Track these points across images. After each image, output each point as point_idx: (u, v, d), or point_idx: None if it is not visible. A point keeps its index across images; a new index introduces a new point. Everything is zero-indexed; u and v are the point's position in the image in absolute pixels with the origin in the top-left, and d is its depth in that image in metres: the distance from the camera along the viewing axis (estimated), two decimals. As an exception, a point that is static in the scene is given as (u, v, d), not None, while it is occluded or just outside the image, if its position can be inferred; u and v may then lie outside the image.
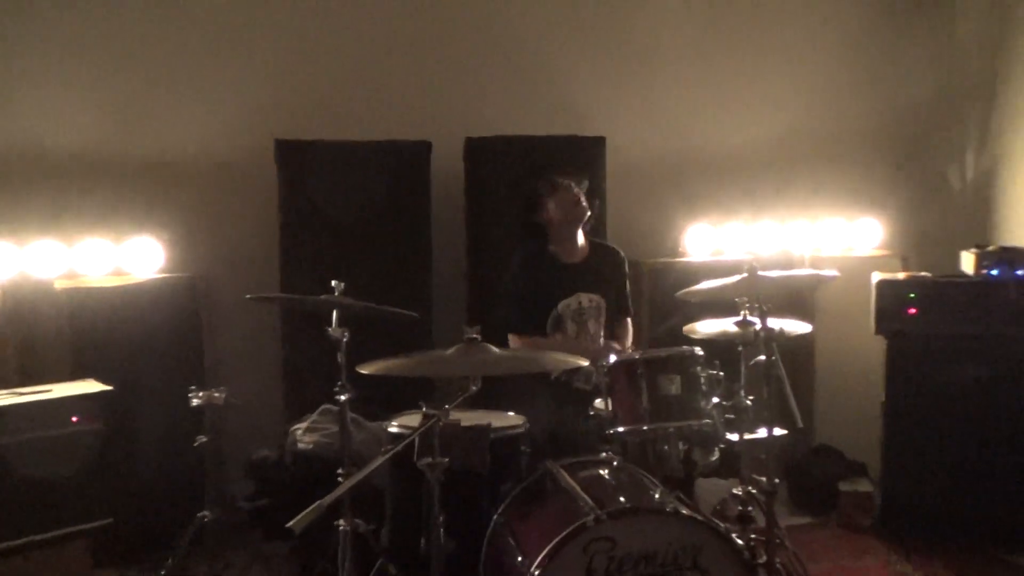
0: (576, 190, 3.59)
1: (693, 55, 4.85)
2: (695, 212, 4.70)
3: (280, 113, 4.36)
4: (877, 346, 4.02)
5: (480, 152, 4.26)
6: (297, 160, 4.10)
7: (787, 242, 4.75)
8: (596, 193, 3.70)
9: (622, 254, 3.78)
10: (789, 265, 4.48)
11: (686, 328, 3.24)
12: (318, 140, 4.16)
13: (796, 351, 4.35)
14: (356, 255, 4.10)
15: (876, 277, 4.03)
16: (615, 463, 2.85)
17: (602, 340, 3.63)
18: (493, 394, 2.92)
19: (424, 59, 4.55)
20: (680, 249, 4.59)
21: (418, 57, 4.53)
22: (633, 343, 3.76)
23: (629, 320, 3.80)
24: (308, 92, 4.42)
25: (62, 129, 4.17)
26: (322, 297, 3.04)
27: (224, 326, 4.24)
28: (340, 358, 2.99)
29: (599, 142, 4.35)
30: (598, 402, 3.05)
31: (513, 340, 3.53)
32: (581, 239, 3.65)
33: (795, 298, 4.45)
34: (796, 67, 4.96)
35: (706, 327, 3.21)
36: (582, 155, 4.20)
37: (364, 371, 2.51)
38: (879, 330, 3.99)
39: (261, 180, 4.19)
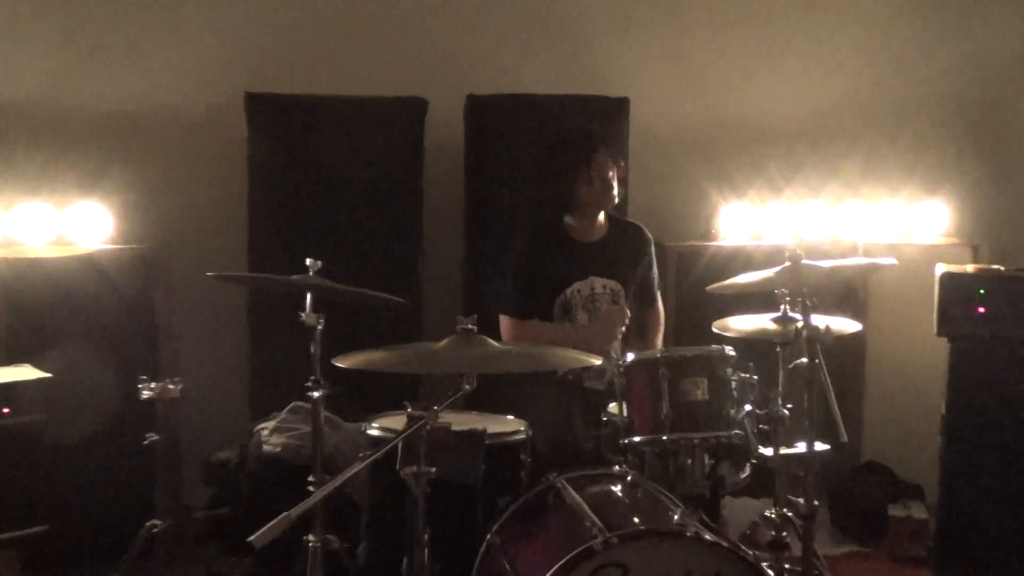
0: (612, 171, 3.56)
1: (732, 8, 4.83)
2: (731, 190, 4.69)
3: (252, 63, 4.35)
4: (939, 350, 4.00)
5: (483, 112, 4.25)
6: (271, 117, 4.10)
7: (837, 227, 4.74)
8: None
9: (647, 233, 3.78)
10: (839, 253, 4.46)
11: (716, 323, 3.23)
12: (295, 95, 4.15)
13: (844, 354, 4.34)
14: (336, 229, 4.11)
15: (940, 269, 4.01)
16: (629, 478, 2.84)
17: (619, 330, 3.61)
18: (490, 395, 2.91)
19: (420, 2, 4.52)
20: (713, 231, 4.58)
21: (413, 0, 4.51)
22: (665, 335, 3.76)
23: (660, 308, 3.79)
24: (285, 39, 4.41)
25: (1, 78, 4.15)
26: (295, 277, 3.04)
27: (182, 307, 4.24)
28: (314, 348, 2.99)
29: (621, 104, 4.35)
30: (612, 406, 3.04)
31: (505, 324, 3.53)
32: (601, 215, 3.65)
33: (845, 292, 4.43)
34: (851, 23, 4.93)
35: (739, 323, 3.19)
36: (601, 118, 4.19)
37: (341, 364, 2.51)
38: (942, 331, 3.97)
39: (229, 140, 4.19)
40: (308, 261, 3.05)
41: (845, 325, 3.17)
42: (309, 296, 3.02)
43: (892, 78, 4.97)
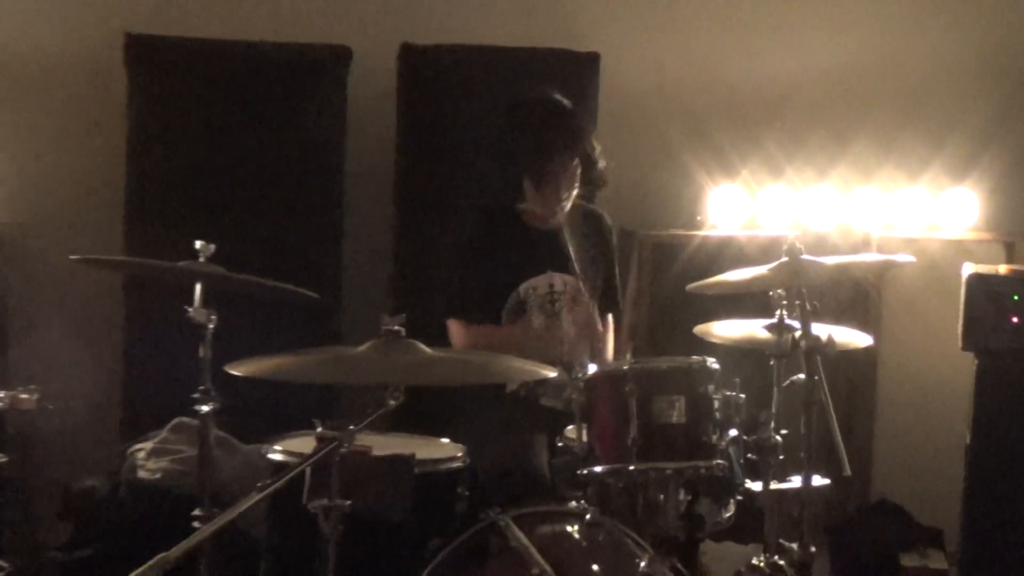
0: (570, 176, 3.54)
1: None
2: (721, 168, 4.70)
3: (134, -3, 4.31)
4: (964, 367, 4.06)
5: (422, 66, 4.25)
6: (157, 66, 4.08)
7: (847, 217, 4.78)
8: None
9: (608, 220, 3.79)
10: (848, 248, 4.50)
11: (697, 329, 3.24)
12: (187, 38, 4.13)
13: (851, 370, 4.37)
14: (235, 205, 4.10)
15: (968, 270, 4.06)
16: (588, 516, 2.83)
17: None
18: (421, 412, 2.91)
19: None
20: (697, 218, 4.60)
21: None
22: (618, 351, 3.77)
23: (611, 318, 3.80)
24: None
25: None
26: (182, 264, 3.01)
27: (40, 299, 4.20)
28: (204, 352, 2.96)
29: (590, 60, 4.37)
30: (570, 429, 3.05)
31: (457, 331, 3.54)
32: (564, 199, 3.66)
33: (854, 295, 4.46)
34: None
35: (725, 329, 3.21)
36: (565, 77, 4.20)
37: (236, 372, 2.50)
38: (967, 345, 4.02)
39: (103, 94, 4.16)
40: (198, 244, 3.01)
41: (853, 335, 3.19)
42: (199, 287, 2.98)
43: (915, 39, 5.01)
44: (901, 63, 4.99)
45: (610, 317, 3.78)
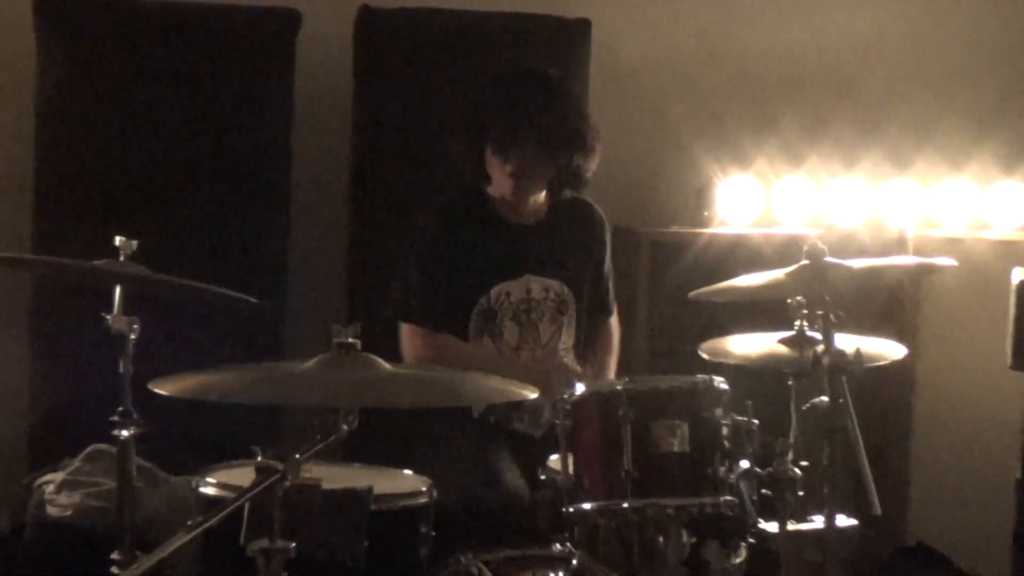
0: (542, 170, 3.54)
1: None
2: (731, 156, 4.72)
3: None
4: (1013, 388, 4.07)
5: (384, 33, 4.26)
6: (73, 30, 4.07)
7: (878, 212, 4.79)
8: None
9: (600, 212, 3.79)
10: (879, 249, 4.51)
11: (704, 345, 3.24)
12: (110, -2, 4.12)
13: (883, 391, 4.38)
14: (163, 195, 4.09)
15: (1017, 276, 4.07)
16: (574, 562, 2.83)
17: (564, 355, 3.63)
18: (379, 439, 2.91)
19: None
20: (705, 214, 4.61)
21: None
22: (619, 365, 3.77)
23: (613, 321, 3.82)
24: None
25: None
26: (98, 263, 2.99)
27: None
28: (124, 367, 2.94)
29: (580, 28, 4.38)
30: (553, 459, 3.05)
31: (410, 337, 3.54)
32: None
33: (886, 304, 4.47)
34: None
35: (736, 344, 3.22)
36: (551, 46, 4.21)
37: (162, 391, 2.47)
38: (1017, 362, 4.03)
39: (9, 62, 4.17)
40: (118, 240, 2.99)
41: (885, 351, 3.20)
42: (118, 290, 2.97)
43: (958, 9, 5.04)
44: (942, 36, 5.01)
45: (608, 323, 3.79)
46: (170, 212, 4.07)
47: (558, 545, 2.89)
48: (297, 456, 2.38)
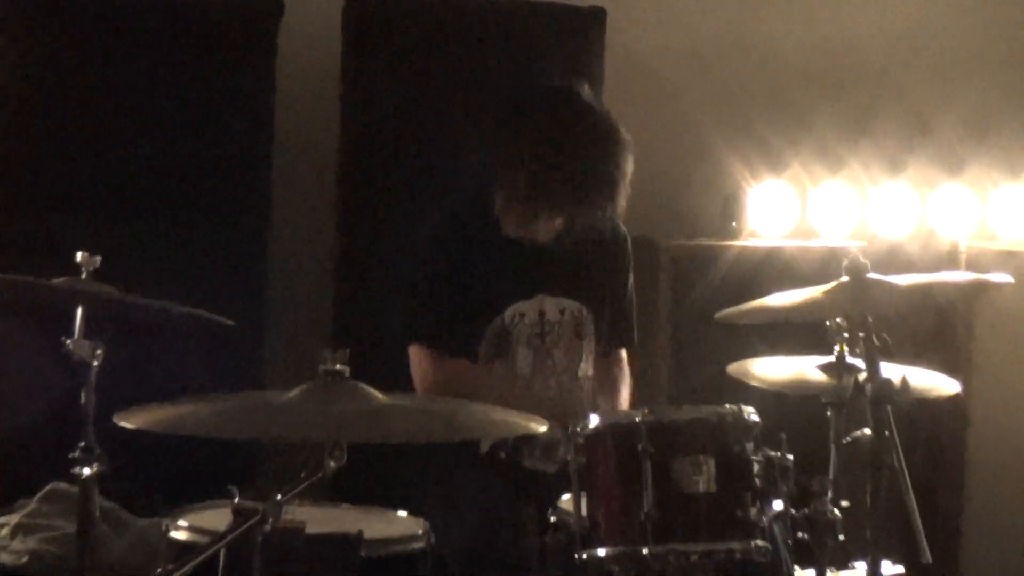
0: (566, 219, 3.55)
1: None
2: (763, 159, 4.72)
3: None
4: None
5: (375, 23, 4.27)
6: (33, 18, 4.07)
7: (928, 222, 4.78)
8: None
9: (623, 228, 3.78)
10: (929, 263, 4.50)
11: (732, 368, 3.24)
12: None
13: (933, 423, 4.36)
14: (127, 205, 4.09)
15: (1086, 295, 4.06)
16: (588, 614, 2.84)
17: (585, 383, 3.62)
18: (371, 478, 2.92)
19: None
20: (734, 224, 4.61)
21: None
22: (633, 396, 3.76)
23: (623, 353, 3.80)
24: None
25: None
26: (58, 281, 2.98)
27: None
28: (86, 397, 2.93)
29: (594, 17, 4.39)
30: (565, 499, 3.06)
31: (423, 361, 3.53)
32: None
33: (937, 325, 4.46)
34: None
35: (768, 369, 3.22)
36: (563, 38, 4.22)
37: (128, 424, 2.48)
38: (1084, 393, 4.03)
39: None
40: (80, 256, 2.99)
41: (934, 379, 3.19)
42: (80, 311, 2.96)
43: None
44: (998, 26, 5.00)
45: (623, 354, 3.78)
46: (136, 223, 4.06)
47: (570, 596, 2.89)
48: (279, 497, 2.38)
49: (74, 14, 4.09)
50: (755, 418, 2.90)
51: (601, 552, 2.83)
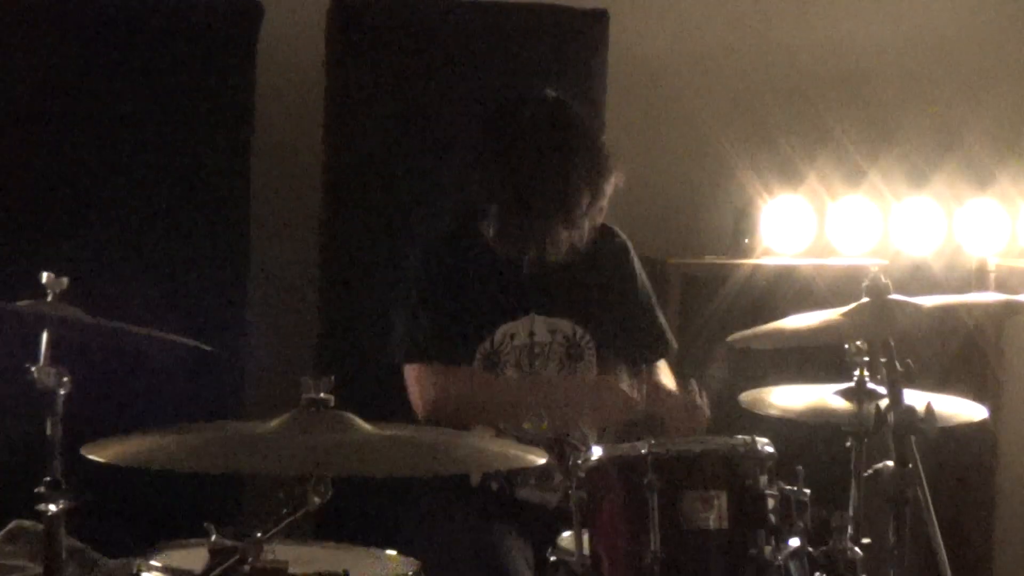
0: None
1: None
2: (777, 172, 4.73)
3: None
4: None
5: (361, 27, 4.27)
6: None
7: (955, 238, 4.79)
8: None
9: (622, 236, 3.80)
10: (955, 284, 4.51)
11: (745, 396, 3.24)
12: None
13: (961, 454, 4.37)
14: (96, 222, 4.08)
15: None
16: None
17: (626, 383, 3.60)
18: (358, 514, 2.93)
19: None
20: (747, 241, 4.61)
21: None
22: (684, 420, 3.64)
23: (663, 364, 3.78)
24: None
25: None
26: (22, 304, 2.99)
27: None
28: (51, 428, 2.93)
29: (596, 19, 4.40)
30: (566, 536, 3.05)
31: (422, 378, 3.53)
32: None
33: (964, 349, 4.46)
34: None
35: (784, 397, 3.22)
36: (562, 42, 4.23)
37: (96, 457, 2.48)
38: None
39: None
40: (45, 277, 3.00)
41: (962, 407, 3.19)
42: (46, 337, 2.97)
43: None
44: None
45: (660, 365, 3.77)
46: (108, 242, 4.06)
47: (571, 643, 2.90)
48: (259, 535, 2.38)
49: (44, 19, 4.10)
50: (769, 449, 2.89)
51: (605, 593, 2.84)
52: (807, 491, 2.90)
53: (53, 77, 4.10)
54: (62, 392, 2.92)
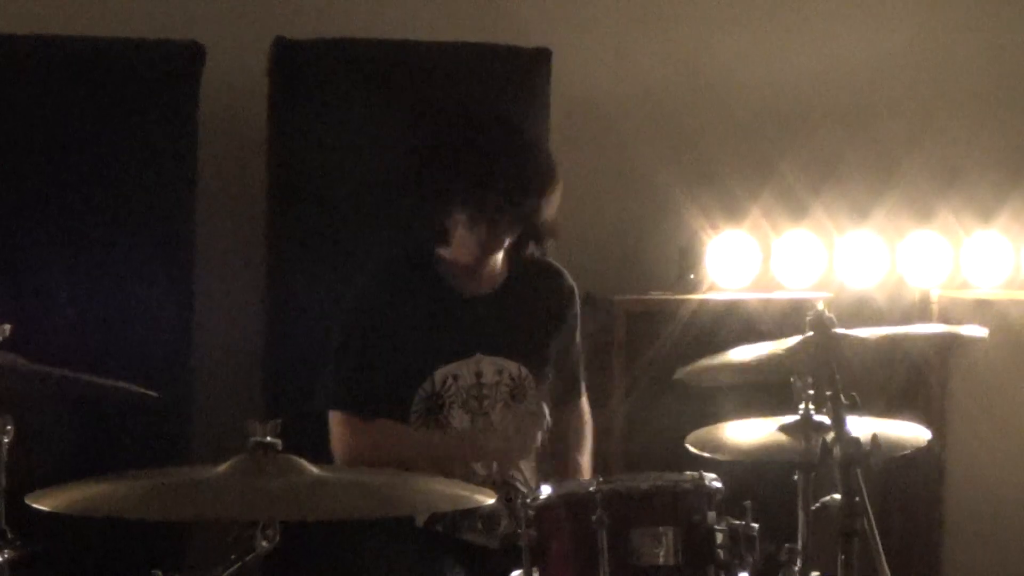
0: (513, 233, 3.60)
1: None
2: (721, 207, 4.74)
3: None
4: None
5: (303, 67, 4.28)
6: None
7: (898, 271, 4.82)
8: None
9: (570, 280, 3.82)
10: (899, 315, 4.53)
11: (691, 439, 3.22)
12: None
13: (906, 483, 4.38)
14: (39, 263, 4.06)
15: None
16: None
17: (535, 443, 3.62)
18: (304, 556, 2.90)
19: None
20: (692, 277, 4.63)
21: None
22: (593, 459, 3.77)
23: (585, 407, 3.83)
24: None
25: None
26: (-38, 349, 2.97)
27: None
28: (-6, 477, 2.91)
29: (539, 58, 4.41)
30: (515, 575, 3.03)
31: (340, 427, 3.55)
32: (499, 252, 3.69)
33: (909, 380, 4.48)
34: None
35: (731, 432, 3.21)
36: (505, 80, 4.24)
37: (41, 505, 2.46)
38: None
39: None
40: (-12, 319, 2.99)
41: (907, 434, 3.20)
42: (-12, 383, 2.95)
43: (986, 25, 5.08)
44: (969, 69, 5.05)
45: (580, 402, 3.81)
46: (49, 287, 4.03)
47: None
48: (206, 580, 2.39)
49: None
50: (717, 484, 2.92)
51: (554, 634, 2.83)
52: (755, 525, 2.93)
53: (9, 129, 4.08)
54: (4, 440, 2.91)
